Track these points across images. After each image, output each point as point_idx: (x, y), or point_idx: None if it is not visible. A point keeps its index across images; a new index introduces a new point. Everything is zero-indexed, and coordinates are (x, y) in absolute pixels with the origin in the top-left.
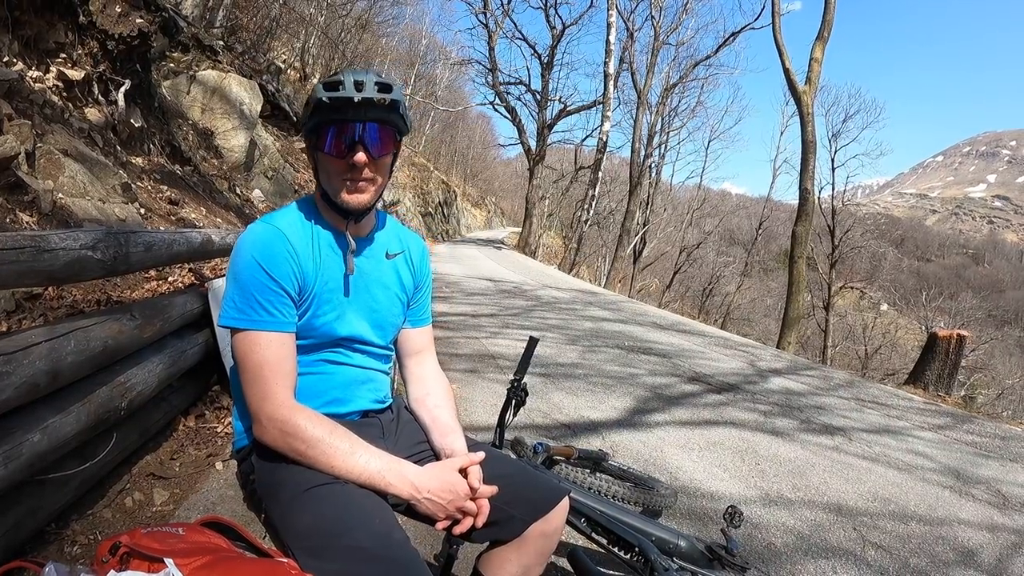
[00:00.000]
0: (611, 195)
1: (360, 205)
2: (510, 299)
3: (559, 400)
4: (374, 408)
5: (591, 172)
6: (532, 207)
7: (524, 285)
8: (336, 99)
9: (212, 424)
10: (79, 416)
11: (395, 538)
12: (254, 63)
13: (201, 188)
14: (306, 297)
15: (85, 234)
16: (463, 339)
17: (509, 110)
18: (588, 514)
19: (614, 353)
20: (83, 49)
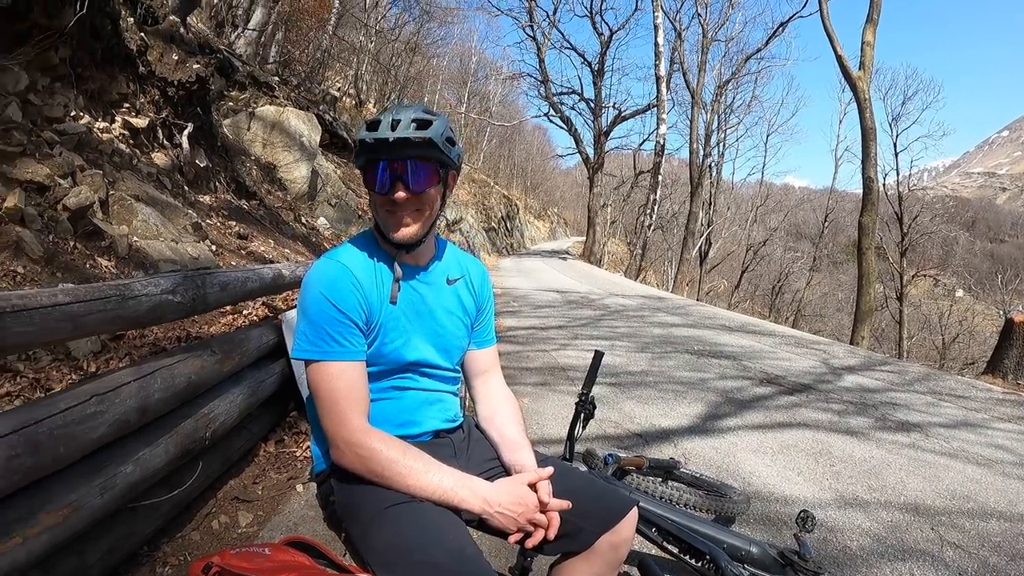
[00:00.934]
0: (673, 198)
1: (408, 238)
2: (578, 310)
3: (630, 409)
4: (445, 428)
5: (651, 176)
6: (594, 215)
7: (591, 295)
8: (375, 139)
9: (291, 448)
10: (167, 448)
11: (468, 553)
12: (309, 94)
13: (268, 220)
14: (373, 326)
15: (165, 279)
16: (533, 352)
17: (564, 120)
18: (659, 523)
19: (684, 359)
20: (145, 97)
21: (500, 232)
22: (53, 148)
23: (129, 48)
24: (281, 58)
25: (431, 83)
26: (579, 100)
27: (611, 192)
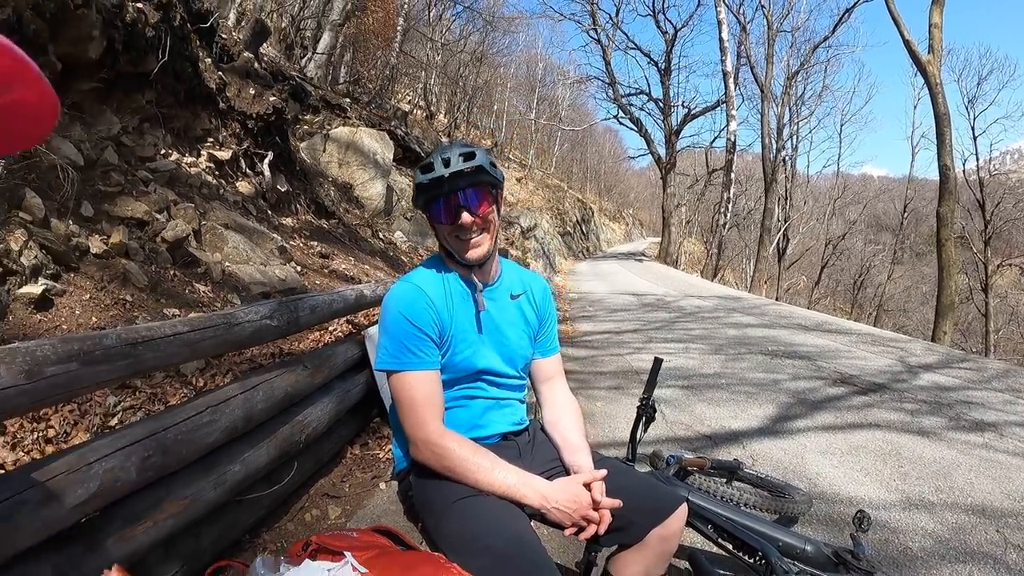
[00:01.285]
0: (748, 194)
1: (478, 256)
2: (653, 312)
3: (701, 411)
4: (512, 431)
5: (723, 174)
6: (669, 216)
7: (666, 296)
8: (433, 179)
9: (375, 451)
10: (268, 450)
11: (526, 541)
12: (380, 111)
13: (347, 238)
14: (445, 339)
15: (263, 307)
16: (607, 357)
17: (634, 121)
18: (714, 520)
19: (758, 360)
20: (227, 131)
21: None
22: (148, 185)
23: (209, 87)
24: (351, 78)
25: (499, 91)
26: (648, 100)
27: (685, 191)
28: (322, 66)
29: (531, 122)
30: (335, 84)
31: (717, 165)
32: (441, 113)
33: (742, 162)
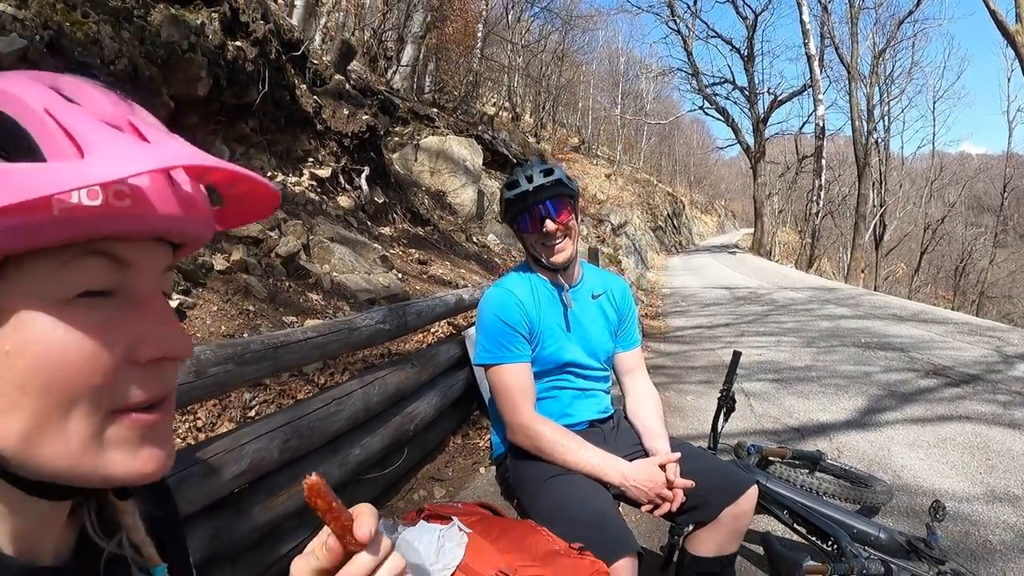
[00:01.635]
0: (841, 180)
1: (563, 260)
2: (745, 306)
3: (791, 404)
4: (598, 418)
5: (814, 161)
6: (761, 206)
7: (759, 289)
8: (518, 194)
9: (474, 440)
10: (383, 437)
11: (608, 514)
12: (467, 117)
13: (442, 244)
14: (535, 335)
15: (377, 313)
16: (698, 352)
17: (720, 111)
18: (789, 506)
19: (850, 352)
20: (325, 150)
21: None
22: None
23: (306, 111)
24: (436, 87)
25: (583, 89)
26: (732, 89)
27: (776, 180)
28: (407, 77)
29: (617, 117)
30: (421, 94)
31: (807, 151)
32: (527, 114)
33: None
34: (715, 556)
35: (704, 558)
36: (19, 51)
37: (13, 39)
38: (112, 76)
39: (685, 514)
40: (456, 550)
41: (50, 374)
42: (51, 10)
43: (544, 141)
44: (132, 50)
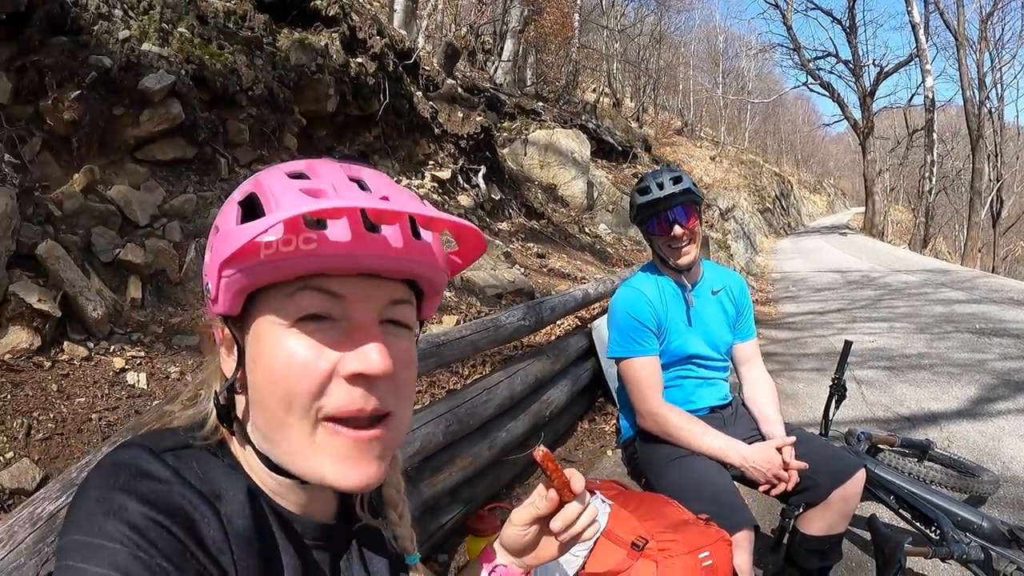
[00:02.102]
0: (955, 153)
1: (687, 262)
2: (858, 290)
3: (902, 392)
4: (718, 405)
5: (925, 134)
6: (871, 184)
7: (872, 272)
8: (650, 200)
9: (601, 425)
10: (524, 422)
11: (728, 491)
12: (570, 106)
13: (557, 236)
14: (662, 330)
15: (518, 311)
16: (810, 338)
17: (824, 86)
18: (895, 491)
19: (964, 338)
20: (444, 153)
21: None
22: None
23: (424, 116)
24: (537, 79)
25: (682, 70)
26: (836, 62)
27: (887, 156)
28: (509, 72)
29: (719, 98)
30: (523, 87)
31: (917, 125)
32: (627, 98)
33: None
34: (824, 535)
35: (814, 536)
36: (169, 86)
37: (162, 75)
38: (252, 100)
39: (797, 495)
40: (600, 518)
41: (274, 380)
42: (191, 45)
43: (646, 126)
44: (266, 75)
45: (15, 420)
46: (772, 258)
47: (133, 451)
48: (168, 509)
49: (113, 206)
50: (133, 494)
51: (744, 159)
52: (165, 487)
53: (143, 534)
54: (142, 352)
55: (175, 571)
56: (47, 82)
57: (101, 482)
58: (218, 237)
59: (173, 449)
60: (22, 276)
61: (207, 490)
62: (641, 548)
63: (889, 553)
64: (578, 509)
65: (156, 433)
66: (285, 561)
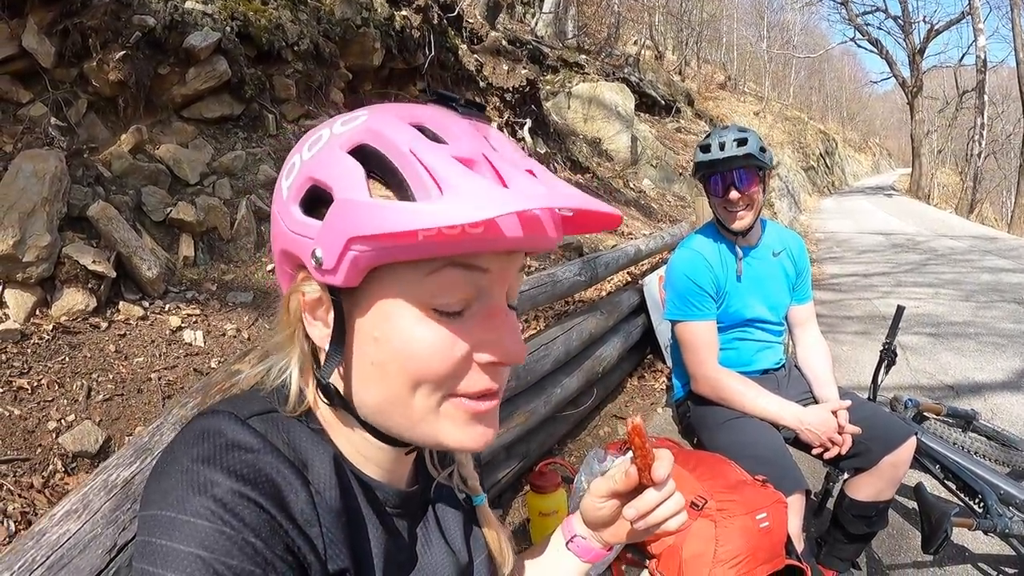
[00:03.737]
0: (1006, 116)
1: (743, 227)
2: (902, 254)
3: (946, 361)
4: (772, 367)
5: (975, 96)
6: (919, 145)
7: (917, 236)
8: (710, 160)
9: (650, 382)
10: (578, 378)
11: (781, 452)
12: (611, 60)
13: (602, 191)
14: (720, 294)
15: (573, 266)
16: (855, 301)
17: (872, 42)
18: (941, 461)
19: (1010, 308)
20: (489, 106)
21: (819, 170)
22: None
23: (469, 70)
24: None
25: (726, 23)
26: (885, 18)
27: (935, 116)
28: (550, 24)
29: (763, 52)
30: (565, 39)
31: (968, 86)
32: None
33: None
34: (872, 501)
35: (862, 502)
36: (214, 43)
37: (207, 33)
38: (297, 56)
39: (847, 459)
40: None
41: (405, 361)
42: (235, 2)
43: (689, 79)
44: (311, 30)
45: (75, 382)
46: (816, 217)
47: (219, 418)
48: (256, 480)
49: (162, 165)
50: (220, 466)
51: (788, 115)
52: (253, 456)
53: (231, 509)
54: (197, 310)
55: (263, 546)
56: (91, 44)
57: (186, 453)
58: (345, 206)
59: (260, 414)
60: (75, 238)
61: (295, 458)
62: (700, 507)
63: (936, 522)
64: (656, 499)
65: (240, 397)
66: (370, 531)
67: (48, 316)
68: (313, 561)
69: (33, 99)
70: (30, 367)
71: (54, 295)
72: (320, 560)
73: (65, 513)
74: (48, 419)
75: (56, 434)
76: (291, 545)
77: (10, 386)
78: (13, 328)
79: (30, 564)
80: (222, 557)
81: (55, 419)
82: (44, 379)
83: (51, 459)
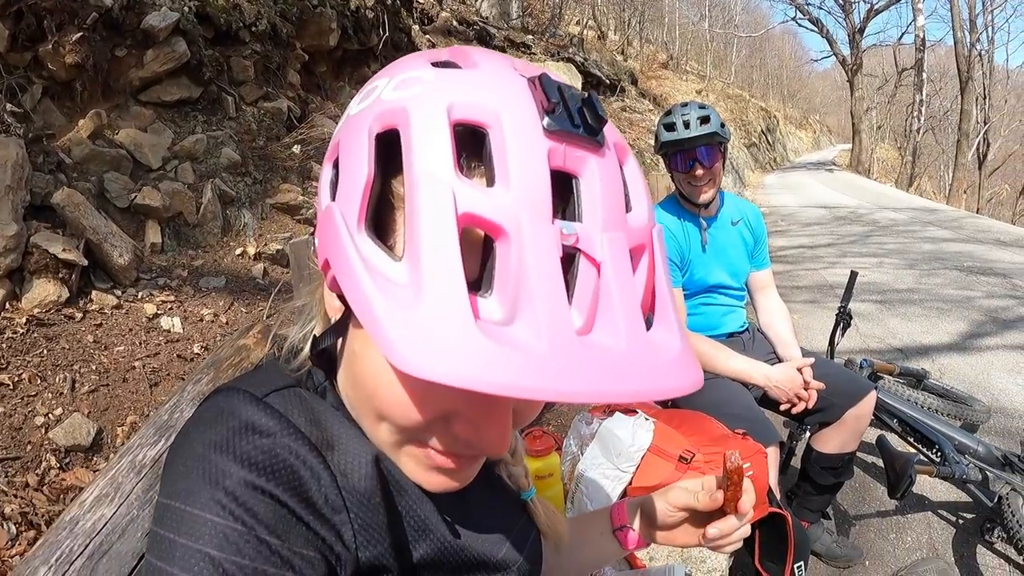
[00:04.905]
0: (943, 94)
1: (707, 199)
2: (846, 226)
3: (894, 326)
4: (737, 330)
5: (914, 74)
6: (859, 122)
7: (859, 209)
8: (673, 139)
9: None
10: None
11: (754, 408)
12: (555, 40)
13: None
14: (684, 263)
15: None
16: (802, 271)
17: (813, 22)
18: (899, 415)
19: (951, 276)
20: None
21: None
22: None
23: (421, 50)
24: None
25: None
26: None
27: (874, 94)
28: (495, 4)
29: (705, 31)
30: (509, 20)
31: (907, 64)
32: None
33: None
34: (838, 453)
35: (829, 454)
36: (173, 23)
37: (166, 13)
38: (255, 36)
39: (812, 415)
40: (647, 435)
41: (371, 392)
42: None
43: (632, 59)
44: (269, 11)
45: (56, 375)
46: (759, 192)
47: (235, 397)
48: (273, 468)
49: (123, 150)
50: (234, 454)
51: (730, 93)
52: (270, 440)
53: (243, 503)
54: (171, 297)
55: (279, 543)
56: (46, 26)
57: (200, 436)
58: (328, 219)
59: (280, 388)
60: (40, 227)
61: (318, 438)
62: (688, 461)
63: (901, 469)
64: (736, 526)
65: (260, 371)
66: (404, 513)
67: (19, 309)
68: (342, 551)
69: None
70: (8, 362)
71: (23, 287)
72: (350, 549)
73: (96, 498)
74: (35, 414)
75: (45, 429)
76: (312, 539)
77: None
78: None
79: (68, 555)
80: (233, 556)
81: (42, 414)
82: (24, 373)
83: (44, 456)
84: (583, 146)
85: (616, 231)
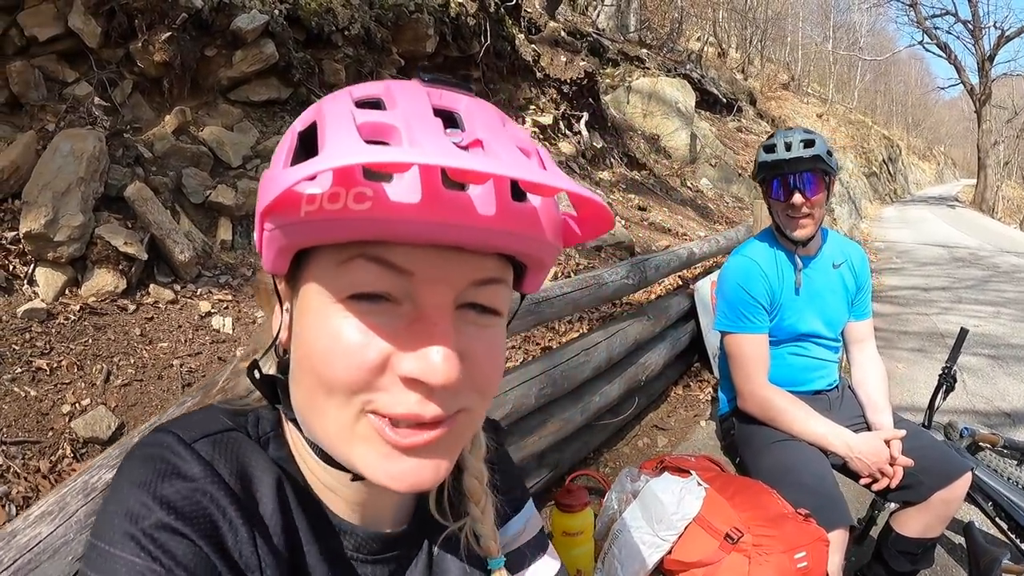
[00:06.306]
0: None
1: (803, 236)
2: (964, 268)
3: (1005, 386)
4: (825, 388)
5: None
6: (985, 156)
7: (980, 251)
8: (774, 160)
9: (695, 392)
10: (619, 386)
11: (827, 480)
12: (673, 55)
13: (659, 189)
14: (775, 306)
15: (622, 268)
16: (912, 315)
17: (941, 47)
18: (995, 498)
19: None
20: (546, 97)
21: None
22: None
23: (525, 60)
24: (640, 25)
25: (791, 21)
26: (955, 22)
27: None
28: (612, 17)
29: (828, 53)
30: (626, 33)
31: None
32: (733, 49)
33: None
34: (919, 537)
35: (909, 538)
36: (261, 26)
37: (254, 15)
38: (348, 40)
39: (897, 491)
40: (695, 503)
41: (314, 361)
42: None
43: (752, 78)
44: (363, 15)
45: (95, 365)
46: (877, 225)
47: (165, 440)
48: (190, 515)
49: (205, 147)
50: (155, 496)
51: (852, 119)
52: (190, 486)
53: (160, 544)
54: (229, 296)
55: None
56: (137, 24)
57: (128, 475)
58: (264, 177)
59: (213, 434)
60: (110, 219)
61: (242, 490)
62: (735, 541)
63: (986, 567)
64: None
65: (199, 413)
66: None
67: (77, 296)
68: None
69: (78, 78)
70: (52, 347)
71: (84, 275)
72: None
73: (40, 515)
74: (63, 402)
75: (69, 418)
76: None
77: (29, 366)
78: (39, 307)
79: None
80: None
81: (70, 402)
82: (64, 360)
83: (61, 444)
84: (457, 91)
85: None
